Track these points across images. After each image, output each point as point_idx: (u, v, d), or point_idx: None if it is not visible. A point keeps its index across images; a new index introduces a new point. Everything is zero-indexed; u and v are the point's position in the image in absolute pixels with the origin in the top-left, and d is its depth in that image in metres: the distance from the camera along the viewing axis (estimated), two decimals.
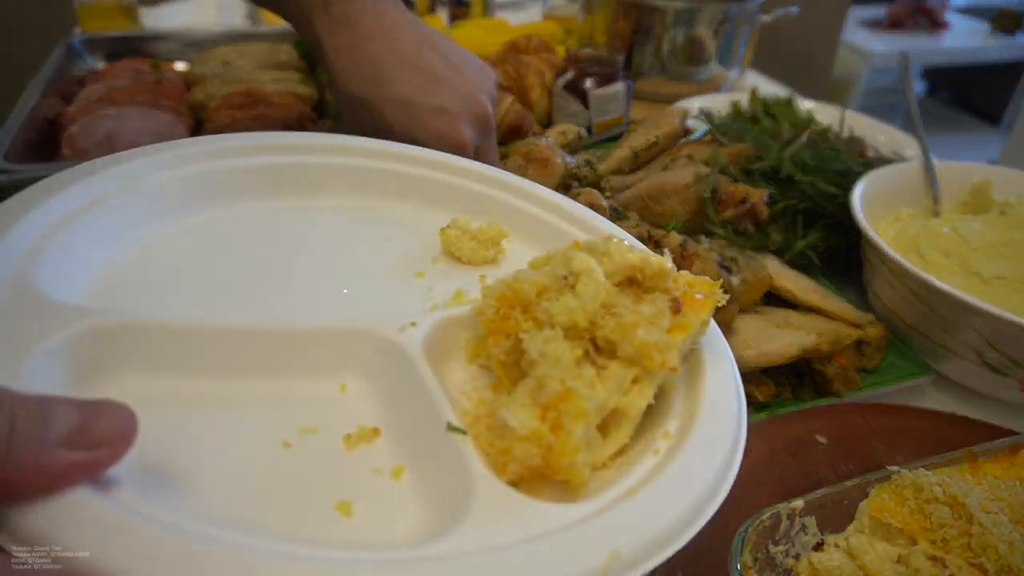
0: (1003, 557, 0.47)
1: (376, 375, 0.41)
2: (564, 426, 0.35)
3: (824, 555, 0.52)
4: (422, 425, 0.38)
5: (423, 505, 0.36)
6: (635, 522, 0.33)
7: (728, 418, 0.41)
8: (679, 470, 0.37)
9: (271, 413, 0.39)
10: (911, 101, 0.99)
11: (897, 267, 0.75)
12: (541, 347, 0.37)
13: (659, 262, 0.42)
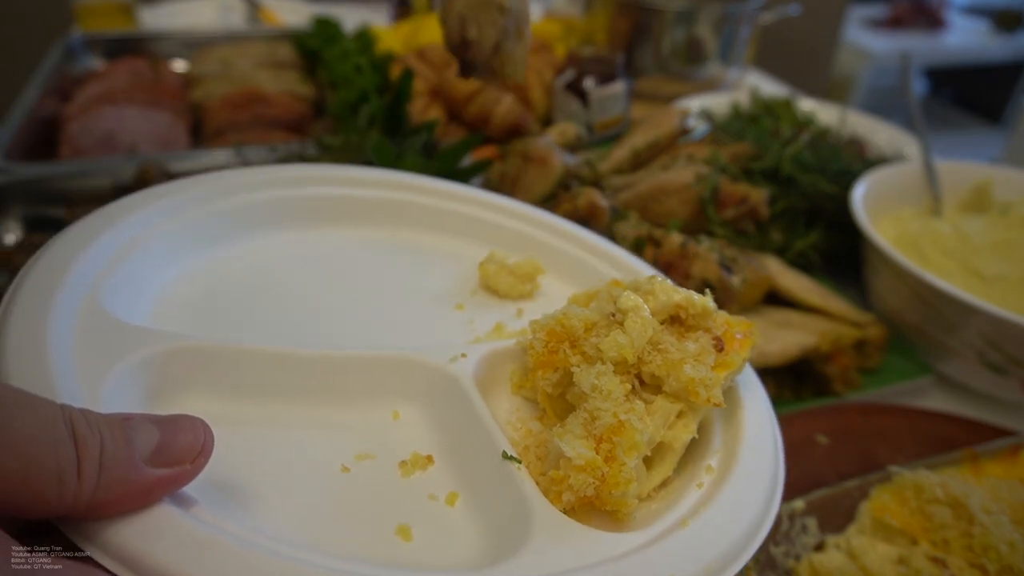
0: (1004, 558, 0.47)
1: (428, 403, 0.43)
2: (617, 457, 0.36)
3: (825, 556, 0.52)
4: (475, 453, 0.39)
5: (480, 530, 0.37)
6: (689, 551, 0.35)
7: (767, 452, 0.42)
8: (727, 501, 0.38)
9: (329, 438, 0.40)
10: (911, 101, 0.99)
11: (898, 267, 0.75)
12: (593, 381, 0.39)
13: (702, 302, 0.44)
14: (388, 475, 0.39)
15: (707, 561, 0.34)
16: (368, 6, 1.99)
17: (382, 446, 0.40)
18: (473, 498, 0.38)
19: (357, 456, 0.39)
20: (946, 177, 0.93)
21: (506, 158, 0.91)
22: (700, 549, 0.35)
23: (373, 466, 0.39)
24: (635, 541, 0.35)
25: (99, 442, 0.25)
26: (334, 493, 0.37)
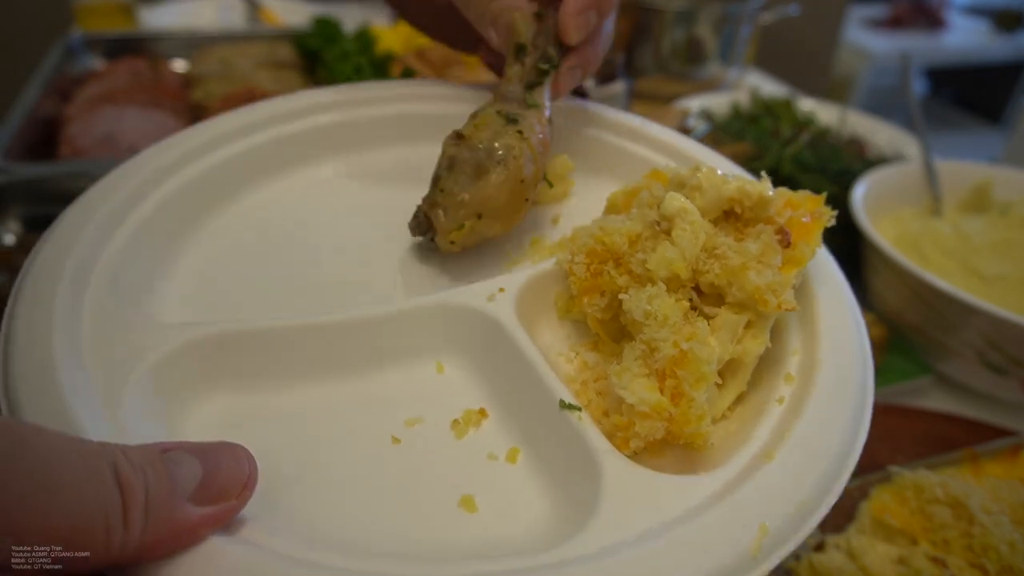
0: (1004, 558, 0.47)
1: (472, 350, 0.39)
2: (685, 393, 0.32)
3: (825, 555, 0.52)
4: (529, 400, 0.36)
5: (546, 489, 0.34)
6: (777, 490, 0.31)
7: (852, 349, 0.37)
8: (812, 424, 0.33)
9: (373, 409, 0.37)
10: (911, 101, 0.99)
11: (898, 267, 0.75)
12: (645, 307, 0.34)
13: (758, 190, 0.38)
14: (441, 439, 0.36)
15: (799, 499, 0.30)
16: (368, 6, 1.99)
17: (430, 407, 0.37)
18: (535, 452, 0.35)
19: (406, 422, 0.36)
20: (946, 177, 0.93)
21: None
22: (789, 486, 0.31)
23: (424, 431, 0.36)
24: (716, 483, 0.31)
25: (143, 485, 0.24)
26: (389, 471, 0.34)
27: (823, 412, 0.34)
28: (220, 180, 0.49)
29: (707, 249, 0.37)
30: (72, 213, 0.42)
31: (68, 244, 0.39)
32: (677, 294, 0.36)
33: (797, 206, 0.39)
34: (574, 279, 0.39)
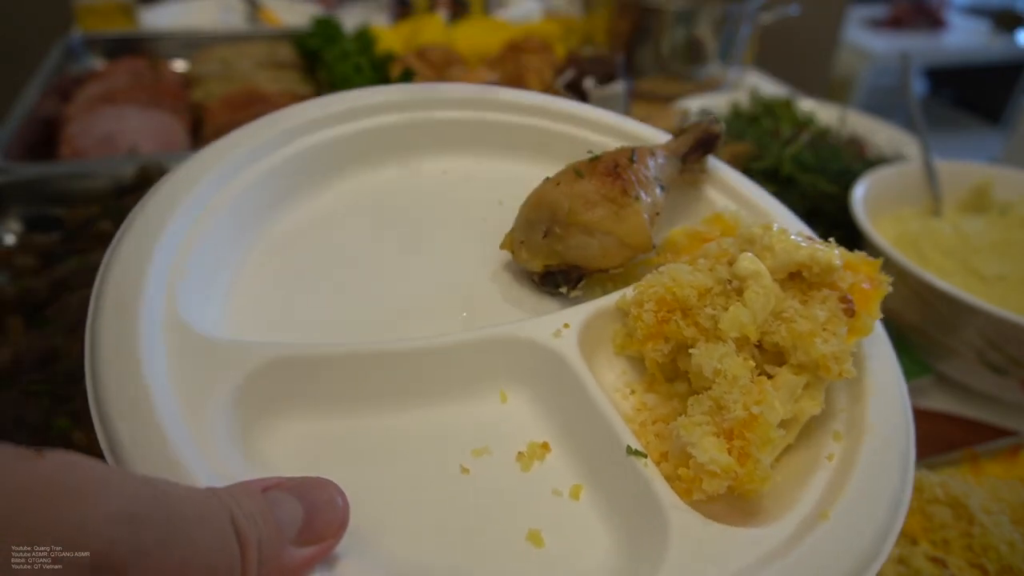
0: (1004, 558, 0.47)
1: (535, 383, 0.40)
2: (752, 455, 0.34)
3: None
4: (593, 439, 0.37)
5: (612, 531, 0.35)
6: (833, 549, 0.32)
7: (896, 411, 0.39)
8: (862, 484, 0.35)
9: (441, 438, 0.38)
10: (911, 101, 0.99)
11: (898, 267, 0.75)
12: (716, 365, 0.36)
13: (827, 258, 0.39)
14: (508, 470, 0.37)
15: (853, 559, 0.32)
16: (368, 6, 1.99)
17: (495, 437, 0.38)
18: (599, 491, 0.36)
19: (473, 452, 0.37)
20: (946, 177, 0.93)
21: None
22: (844, 545, 0.32)
23: (491, 462, 0.37)
24: (776, 539, 0.33)
25: (257, 536, 0.25)
26: (461, 501, 0.35)
27: (873, 473, 0.35)
28: (275, 185, 0.49)
29: (774, 312, 0.38)
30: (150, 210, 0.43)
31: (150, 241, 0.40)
32: (743, 352, 0.37)
33: (856, 268, 0.40)
34: (641, 324, 0.40)
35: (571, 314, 0.41)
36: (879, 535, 0.33)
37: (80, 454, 0.25)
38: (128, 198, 0.87)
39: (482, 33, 1.54)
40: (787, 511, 0.34)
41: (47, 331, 0.65)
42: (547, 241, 0.44)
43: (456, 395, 0.39)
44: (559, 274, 0.45)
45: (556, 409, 0.39)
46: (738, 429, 0.34)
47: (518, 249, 0.46)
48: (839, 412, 0.39)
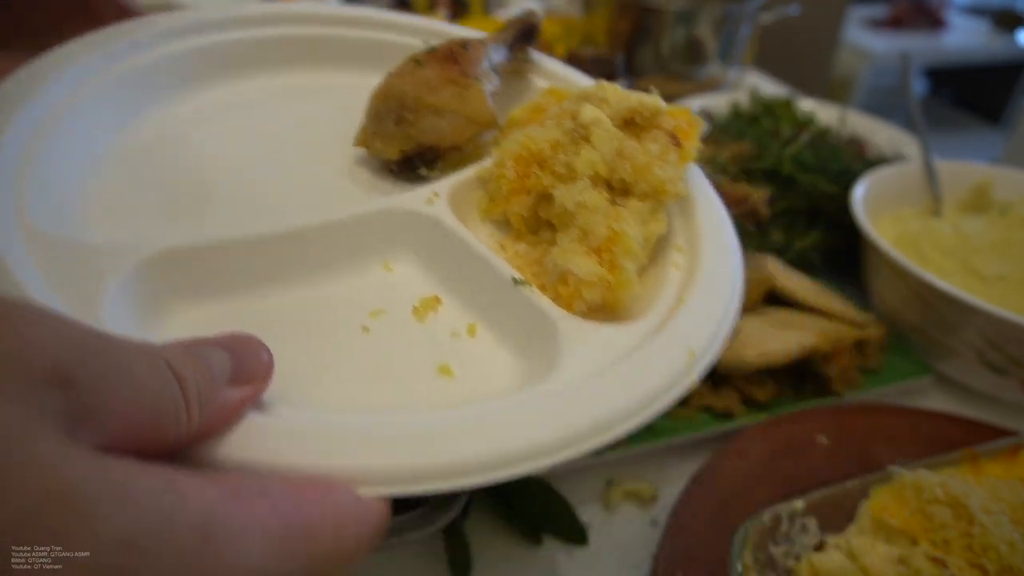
0: (1004, 558, 0.47)
1: (417, 248, 0.44)
2: (619, 265, 0.40)
3: (825, 556, 0.52)
4: (479, 283, 0.42)
5: (511, 349, 0.40)
6: (694, 325, 0.39)
7: (720, 221, 0.47)
8: (707, 276, 0.42)
9: (336, 307, 0.41)
10: (911, 101, 0.99)
11: (898, 267, 0.75)
12: (577, 199, 0.42)
13: (654, 101, 0.46)
14: (406, 324, 0.41)
15: (712, 328, 0.39)
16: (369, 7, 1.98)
17: (388, 299, 0.42)
18: (492, 323, 0.41)
19: (370, 314, 0.41)
20: (946, 177, 0.93)
21: None
22: (702, 319, 0.39)
23: (389, 320, 0.41)
24: (648, 326, 0.39)
25: (195, 380, 0.27)
26: (368, 355, 0.39)
27: (714, 268, 0.43)
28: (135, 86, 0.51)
29: (617, 152, 0.44)
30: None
31: None
32: (598, 188, 0.43)
33: (676, 115, 0.47)
34: (504, 182, 0.45)
35: (437, 186, 0.46)
36: (727, 309, 0.41)
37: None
38: None
39: None
40: (652, 308, 0.41)
41: None
42: (399, 128, 0.48)
43: (342, 271, 0.43)
44: (416, 158, 0.49)
45: (440, 267, 0.44)
46: (604, 245, 0.41)
47: (372, 141, 0.49)
48: (677, 229, 0.47)
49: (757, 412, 0.71)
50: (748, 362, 0.69)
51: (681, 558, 0.55)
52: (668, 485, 0.66)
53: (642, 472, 0.68)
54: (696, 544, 0.56)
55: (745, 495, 0.60)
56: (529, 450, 0.31)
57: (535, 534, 0.61)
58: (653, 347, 0.37)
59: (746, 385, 0.71)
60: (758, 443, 0.64)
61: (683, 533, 0.57)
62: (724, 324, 0.40)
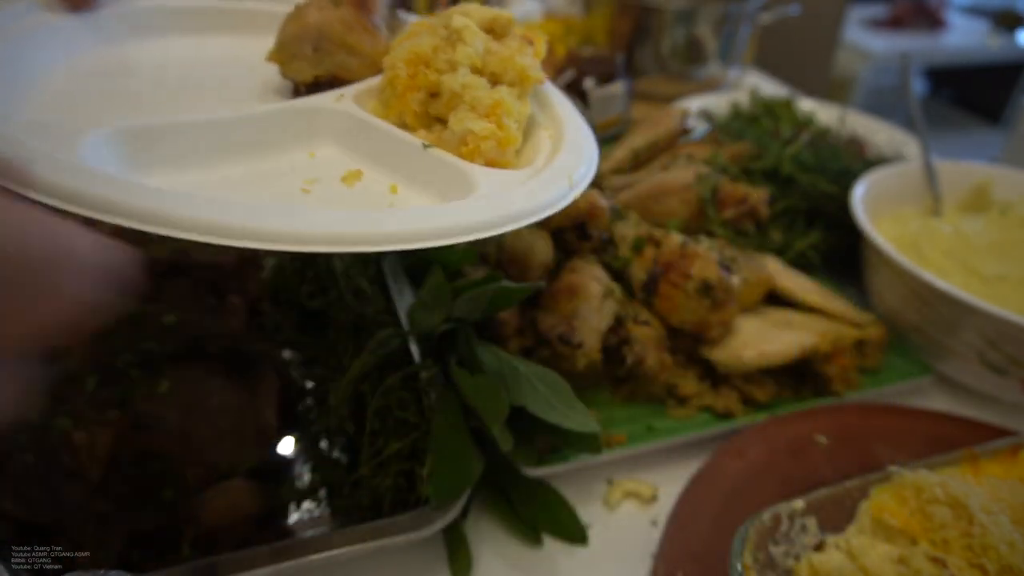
0: (1004, 558, 0.47)
1: (334, 137, 0.53)
2: (504, 124, 0.51)
3: (824, 555, 0.52)
4: (393, 153, 0.51)
5: (432, 196, 0.49)
6: (569, 164, 0.51)
7: (575, 113, 0.59)
8: (573, 139, 0.55)
9: (275, 178, 0.50)
10: (911, 101, 0.99)
11: (898, 267, 0.75)
12: (462, 81, 0.52)
13: (507, 15, 0.57)
14: (339, 188, 0.49)
15: (582, 163, 0.52)
16: None
17: (319, 172, 0.50)
18: (411, 182, 0.50)
19: (305, 181, 0.49)
20: (946, 177, 0.93)
21: None
22: (575, 158, 0.52)
23: (323, 185, 0.49)
24: (535, 169, 0.51)
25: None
26: (317, 203, 0.47)
27: (575, 136, 0.55)
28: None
29: (486, 50, 0.54)
30: None
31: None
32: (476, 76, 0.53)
33: (526, 32, 0.58)
34: (399, 81, 0.53)
35: (343, 90, 0.55)
36: (591, 158, 0.54)
37: None
38: None
39: None
40: (534, 160, 0.53)
41: None
42: (316, 55, 0.56)
43: (274, 155, 0.51)
44: (325, 84, 0.56)
45: (357, 149, 0.53)
46: (490, 110, 0.51)
47: (289, 61, 0.56)
48: (540, 116, 0.59)
49: (757, 412, 0.71)
50: (748, 362, 0.69)
51: (681, 558, 0.55)
52: (668, 485, 0.66)
53: (642, 472, 0.68)
54: (696, 544, 0.56)
55: (745, 495, 0.60)
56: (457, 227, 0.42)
57: (535, 534, 0.61)
58: (543, 176, 0.49)
59: (746, 385, 0.71)
60: (758, 443, 0.64)
61: (683, 533, 0.57)
62: (590, 167, 0.53)
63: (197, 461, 0.59)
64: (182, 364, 0.63)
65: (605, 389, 0.74)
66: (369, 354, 0.63)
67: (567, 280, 0.72)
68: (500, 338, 0.70)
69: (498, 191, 0.46)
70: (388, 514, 0.56)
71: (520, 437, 0.59)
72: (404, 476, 0.58)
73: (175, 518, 0.56)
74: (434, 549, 0.60)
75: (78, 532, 0.53)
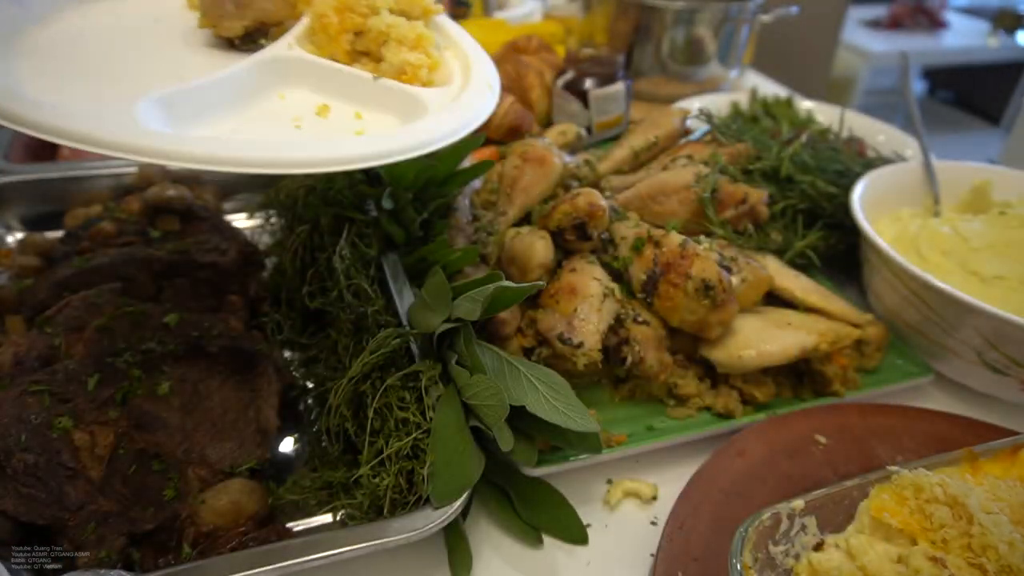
0: (1003, 557, 0.47)
1: (296, 79, 0.63)
2: (430, 52, 0.64)
3: (824, 555, 0.52)
4: (350, 87, 0.62)
5: (394, 118, 0.61)
6: (483, 74, 0.65)
7: (465, 33, 0.72)
8: (474, 57, 0.68)
9: (270, 120, 0.59)
10: (910, 101, 0.99)
11: (897, 267, 0.75)
12: (387, 21, 0.62)
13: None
14: (318, 120, 0.59)
15: (492, 75, 0.66)
16: None
17: (298, 111, 0.60)
18: (370, 108, 0.61)
19: (293, 119, 0.59)
20: (945, 177, 0.93)
21: (505, 159, 0.91)
22: (486, 71, 0.65)
23: (307, 120, 0.59)
24: (460, 83, 0.65)
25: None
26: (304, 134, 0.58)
27: (472, 48, 0.68)
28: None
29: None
30: None
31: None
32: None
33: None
34: (330, 26, 0.63)
35: (284, 40, 0.63)
36: (493, 67, 0.67)
37: None
38: (129, 199, 0.87)
39: (482, 33, 1.54)
40: (454, 78, 0.66)
41: (48, 331, 0.65)
42: (239, 10, 0.65)
43: (256, 102, 0.60)
44: (255, 32, 0.65)
45: (317, 87, 0.62)
46: (415, 43, 0.63)
47: (219, 21, 0.65)
48: (439, 36, 0.69)
49: (757, 412, 0.71)
50: (747, 362, 0.69)
51: (681, 558, 0.55)
52: (668, 485, 0.66)
53: (642, 472, 0.68)
54: (696, 544, 0.56)
55: (745, 495, 0.60)
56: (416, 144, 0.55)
57: (535, 534, 0.61)
58: (471, 88, 0.62)
59: (745, 385, 0.71)
60: (758, 443, 0.65)
61: (683, 533, 0.57)
62: (495, 74, 0.67)
63: (197, 461, 0.59)
64: (182, 364, 0.63)
65: (605, 389, 0.74)
66: (369, 354, 0.63)
67: (567, 280, 0.72)
68: (500, 338, 0.70)
69: (448, 106, 0.59)
70: (388, 514, 0.56)
71: (520, 437, 0.59)
72: (404, 476, 0.58)
73: (175, 518, 0.56)
74: (434, 549, 0.60)
75: (78, 532, 0.53)
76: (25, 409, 0.57)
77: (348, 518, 0.59)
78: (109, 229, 0.79)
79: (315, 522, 0.61)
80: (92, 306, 0.67)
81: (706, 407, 0.71)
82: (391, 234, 0.76)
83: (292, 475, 0.64)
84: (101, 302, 0.67)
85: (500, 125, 1.13)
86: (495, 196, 0.89)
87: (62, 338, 0.64)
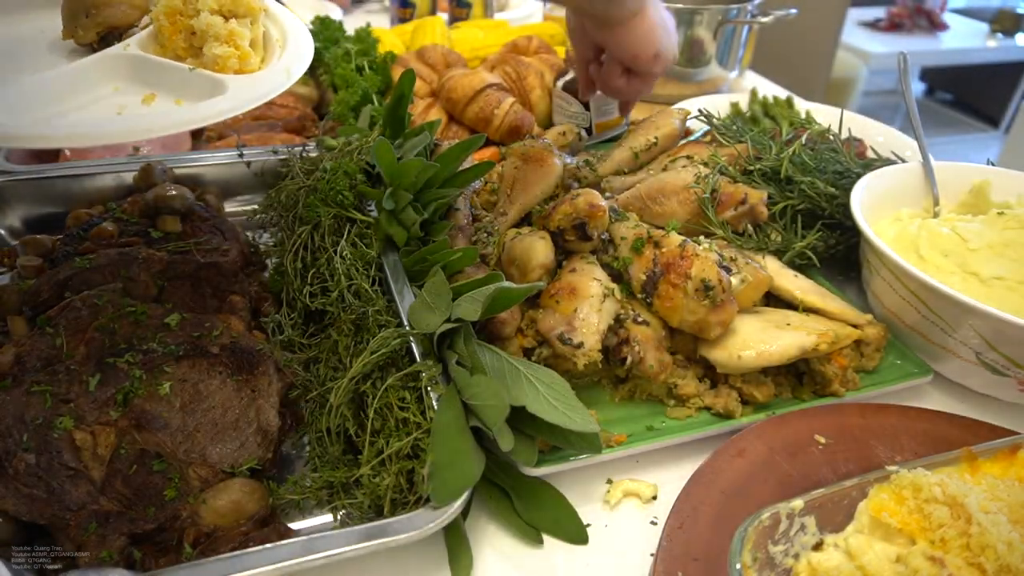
0: (1002, 557, 0.47)
1: (129, 76, 0.70)
2: (240, 45, 0.70)
3: (823, 555, 0.52)
4: (173, 80, 0.69)
5: (193, 101, 0.67)
6: (287, 61, 0.72)
7: (295, 20, 0.79)
8: (295, 43, 0.75)
9: (100, 104, 0.67)
10: (910, 102, 0.99)
11: (896, 267, 0.75)
12: (206, 21, 0.69)
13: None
14: (142, 107, 0.67)
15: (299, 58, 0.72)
16: (371, 8, 1.99)
17: (125, 100, 0.68)
18: (191, 96, 0.68)
19: (119, 106, 0.67)
20: (944, 178, 0.93)
21: (506, 159, 0.91)
22: (292, 60, 0.72)
23: (131, 108, 0.67)
24: (268, 68, 0.72)
25: None
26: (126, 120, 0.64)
27: (295, 37, 0.76)
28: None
29: None
30: None
31: None
32: (216, 16, 0.70)
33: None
34: (165, 29, 0.70)
35: (128, 42, 0.71)
36: (304, 54, 0.73)
37: None
38: (131, 199, 0.87)
39: (483, 35, 1.55)
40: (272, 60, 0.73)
41: (49, 331, 0.65)
42: (91, 19, 0.72)
43: (92, 90, 0.68)
44: (108, 36, 0.72)
45: (145, 80, 0.70)
46: (227, 38, 0.69)
47: (76, 32, 0.72)
48: (271, 26, 0.77)
49: (757, 412, 0.71)
50: (747, 362, 0.69)
51: (681, 557, 0.55)
52: (668, 485, 0.66)
53: (642, 472, 0.68)
54: (696, 544, 0.56)
55: (745, 495, 0.60)
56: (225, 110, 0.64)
57: (535, 534, 0.61)
58: (274, 68, 0.70)
59: (745, 385, 0.71)
60: (758, 443, 0.65)
61: (683, 533, 0.57)
62: (304, 60, 0.72)
63: (198, 461, 0.59)
64: (183, 364, 0.63)
65: (605, 389, 0.74)
66: (370, 354, 0.63)
67: (567, 280, 0.72)
68: (500, 338, 0.71)
69: (242, 87, 0.67)
70: (388, 514, 0.56)
71: (520, 437, 0.59)
72: (404, 476, 0.59)
73: (176, 518, 0.56)
74: (434, 549, 0.60)
75: (79, 532, 0.54)
76: (26, 409, 0.57)
77: (348, 518, 0.60)
78: (110, 229, 0.79)
79: (315, 522, 0.61)
80: (93, 306, 0.67)
81: (706, 407, 0.71)
82: (392, 234, 0.76)
83: (292, 475, 0.64)
84: (102, 302, 0.67)
85: (500, 126, 1.13)
86: (495, 196, 0.90)
87: (63, 338, 0.64)
